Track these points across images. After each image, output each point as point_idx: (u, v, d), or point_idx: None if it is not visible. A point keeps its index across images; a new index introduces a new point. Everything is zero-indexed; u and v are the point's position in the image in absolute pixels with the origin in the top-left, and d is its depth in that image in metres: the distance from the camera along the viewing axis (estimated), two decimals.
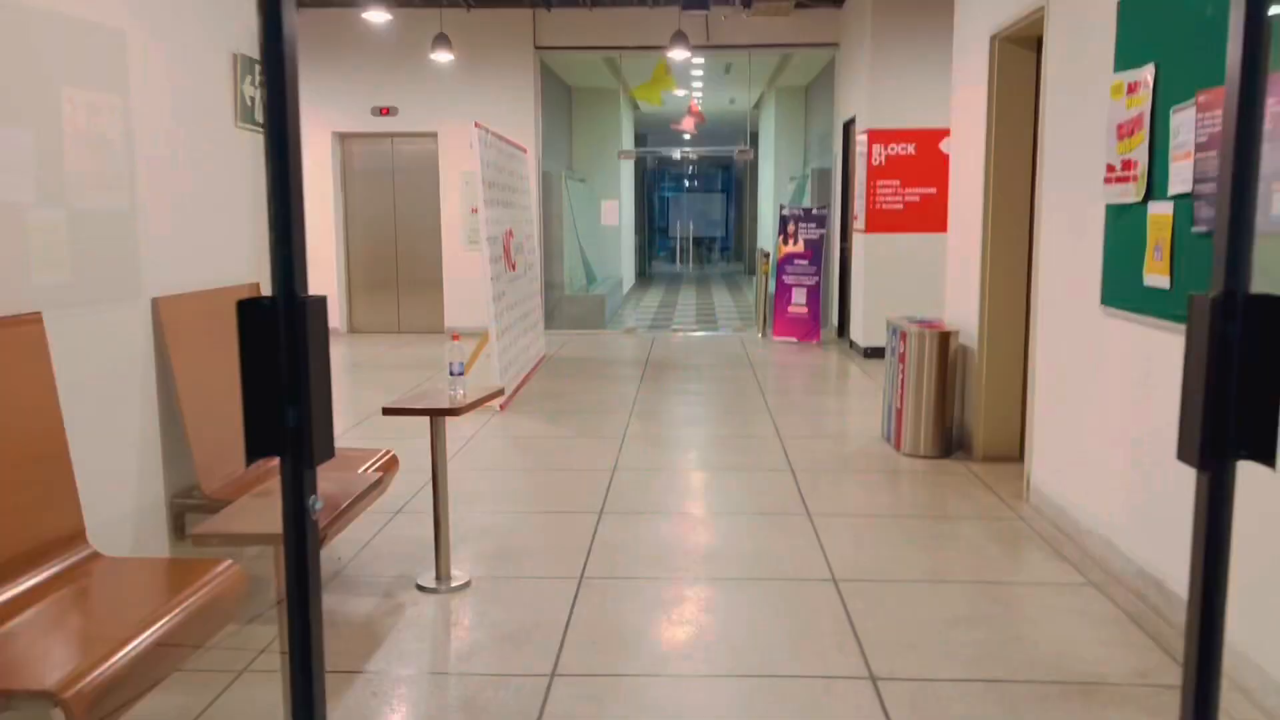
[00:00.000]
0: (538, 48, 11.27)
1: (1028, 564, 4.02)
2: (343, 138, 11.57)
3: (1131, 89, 3.59)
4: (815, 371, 8.92)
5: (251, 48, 4.02)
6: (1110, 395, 3.87)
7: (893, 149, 9.29)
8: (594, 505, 4.84)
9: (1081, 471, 4.19)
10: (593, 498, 4.96)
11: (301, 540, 1.66)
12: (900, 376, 5.83)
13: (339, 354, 10.16)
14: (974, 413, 5.67)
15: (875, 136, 9.30)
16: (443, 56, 10.37)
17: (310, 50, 11.23)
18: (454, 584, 3.80)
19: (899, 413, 5.84)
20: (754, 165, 21.02)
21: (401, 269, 11.80)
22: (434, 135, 11.41)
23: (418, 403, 3.68)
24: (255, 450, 1.65)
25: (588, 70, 14.06)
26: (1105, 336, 3.91)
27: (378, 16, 9.62)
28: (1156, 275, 3.41)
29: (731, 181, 28.35)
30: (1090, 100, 4.09)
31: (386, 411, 3.61)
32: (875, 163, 9.31)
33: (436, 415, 3.62)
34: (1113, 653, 3.21)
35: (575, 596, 3.70)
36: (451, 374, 3.85)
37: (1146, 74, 3.49)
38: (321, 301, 1.65)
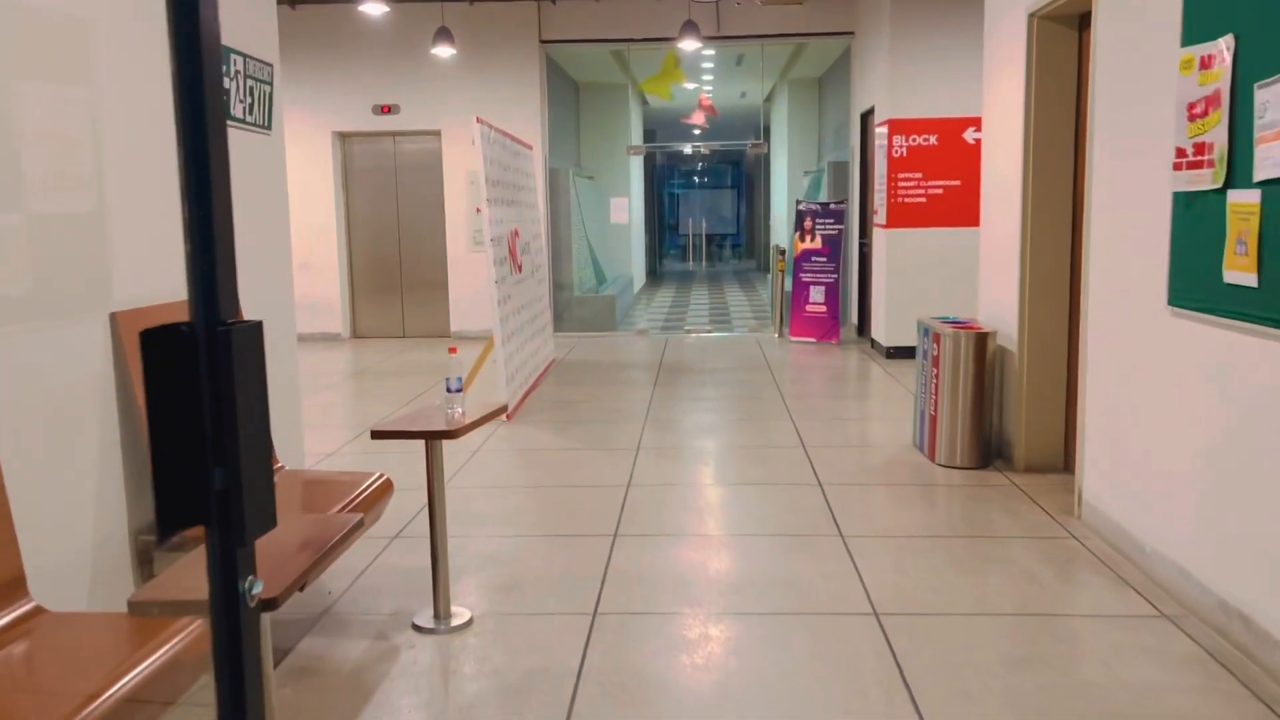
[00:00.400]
0: (543, 41, 10.91)
1: (1088, 592, 3.63)
2: (343, 137, 11.23)
3: (1205, 64, 3.20)
4: (837, 374, 8.54)
5: (225, 34, 3.65)
6: (1181, 404, 3.49)
7: (914, 140, 8.89)
8: (607, 527, 4.48)
9: (1144, 487, 3.80)
10: (606, 518, 4.60)
11: (234, 636, 1.29)
12: (934, 381, 5.45)
13: (341, 360, 9.82)
14: (1014, 420, 5.28)
15: (896, 127, 8.90)
16: (445, 51, 10.02)
17: (309, 48, 10.89)
18: (454, 623, 3.44)
19: (933, 420, 5.46)
20: (766, 160, 20.62)
21: (405, 272, 11.46)
22: (437, 133, 11.07)
23: (411, 424, 3.32)
24: (171, 520, 1.29)
25: (595, 65, 13.70)
26: (1173, 339, 3.52)
27: (376, 9, 9.26)
28: (1239, 272, 3.02)
29: (742, 177, 27.95)
30: (1151, 78, 3.70)
31: (376, 435, 3.25)
32: (896, 155, 8.92)
33: (432, 439, 3.26)
34: (1197, 702, 2.83)
35: (588, 637, 3.33)
36: (449, 391, 3.49)
37: (1223, 46, 3.10)
38: (254, 329, 1.28)
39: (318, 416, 7.08)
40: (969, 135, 8.84)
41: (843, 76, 11.95)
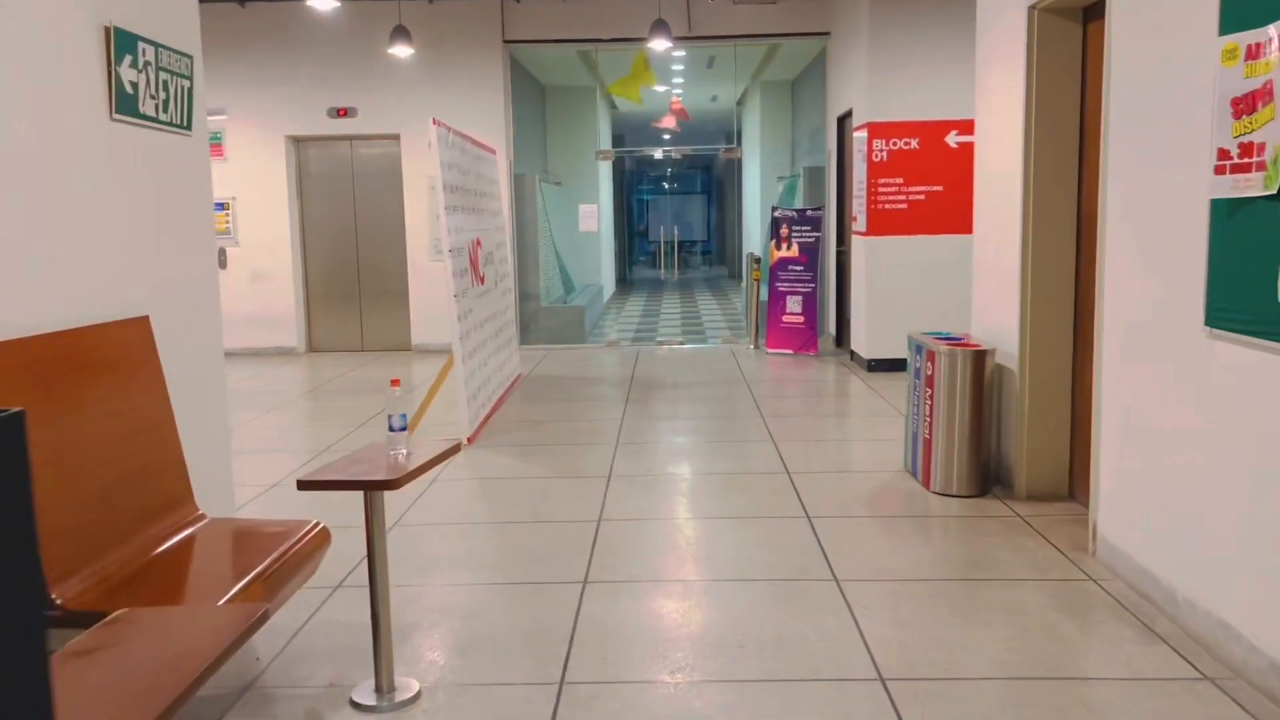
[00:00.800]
0: (507, 41, 10.46)
1: (1116, 649, 3.23)
2: (297, 141, 10.71)
3: (1252, 53, 2.82)
4: (817, 389, 8.14)
5: (129, 19, 3.18)
6: (1221, 437, 3.10)
7: (895, 144, 8.52)
8: (576, 572, 4.03)
9: (1175, 528, 3.41)
10: (575, 561, 4.15)
11: None
12: (928, 403, 5.05)
13: (295, 376, 9.29)
14: (1015, 444, 4.89)
15: (875, 130, 8.53)
16: (402, 51, 9.53)
17: (260, 47, 10.37)
18: (399, 698, 2.97)
19: (927, 444, 5.06)
20: (738, 165, 20.28)
21: (364, 282, 10.94)
22: (396, 138, 10.57)
23: (346, 471, 2.86)
24: None
25: (562, 67, 13.26)
26: (1213, 364, 3.13)
27: (328, 5, 8.77)
28: None
29: (713, 182, 27.61)
30: (1181, 71, 3.32)
31: (303, 486, 2.78)
32: (876, 159, 8.54)
33: (370, 490, 2.80)
34: None
35: (554, 713, 2.88)
36: (391, 430, 3.03)
37: (1274, 33, 2.71)
38: (10, 424, 0.83)
39: (264, 441, 6.58)
40: (951, 139, 8.50)
41: (818, 79, 11.59)
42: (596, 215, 13.62)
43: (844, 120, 9.83)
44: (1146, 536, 3.62)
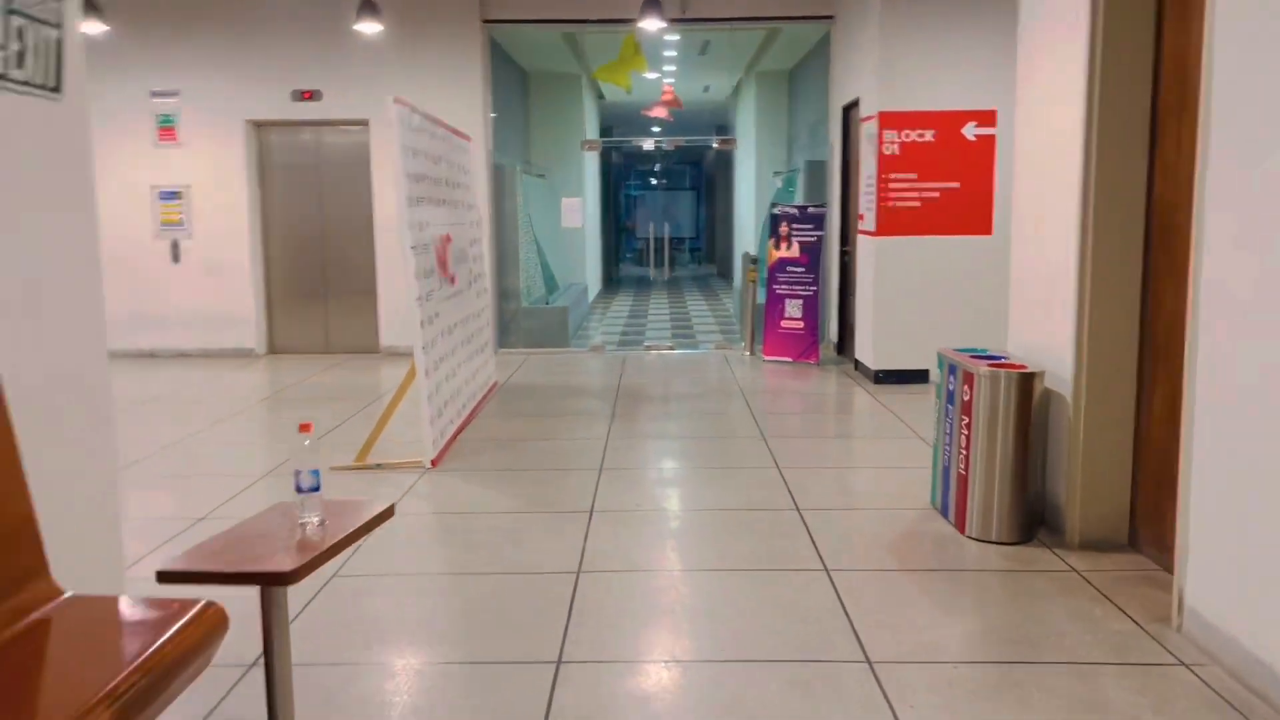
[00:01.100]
0: (485, 21, 9.68)
1: None
2: (258, 127, 9.90)
3: None
4: (821, 403, 7.41)
5: None
6: None
7: (907, 135, 7.80)
8: (549, 647, 3.28)
9: None
10: (548, 631, 3.40)
11: None
12: (964, 433, 4.32)
13: (250, 382, 8.50)
14: (1066, 482, 4.18)
15: (887, 121, 7.80)
16: (370, 27, 8.75)
17: (217, 24, 9.55)
18: None
19: (962, 480, 4.34)
20: (730, 160, 19.54)
21: (330, 279, 10.14)
22: (365, 123, 9.78)
23: (231, 553, 2.10)
24: None
25: (545, 50, 12.48)
26: None
27: None
28: None
29: (704, 177, 26.86)
30: None
31: (164, 578, 2.03)
32: (887, 152, 7.82)
33: (264, 584, 2.05)
34: None
35: None
36: (299, 490, 2.27)
37: None
38: None
39: (198, 463, 5.80)
40: (969, 131, 7.78)
41: (817, 68, 10.87)
42: (581, 210, 12.83)
43: (849, 110, 9.11)
44: (1261, 618, 2.90)
